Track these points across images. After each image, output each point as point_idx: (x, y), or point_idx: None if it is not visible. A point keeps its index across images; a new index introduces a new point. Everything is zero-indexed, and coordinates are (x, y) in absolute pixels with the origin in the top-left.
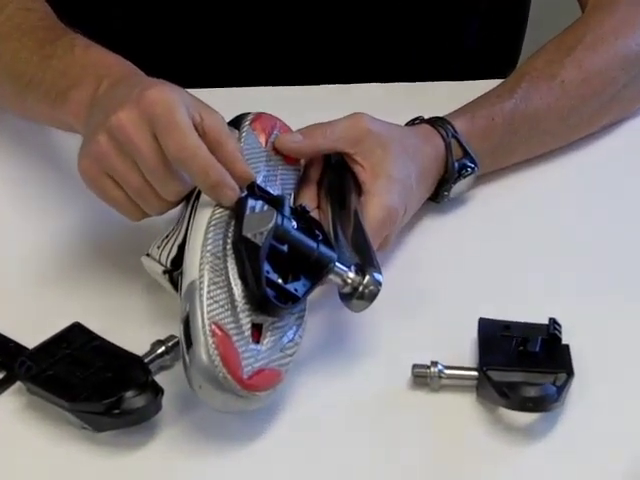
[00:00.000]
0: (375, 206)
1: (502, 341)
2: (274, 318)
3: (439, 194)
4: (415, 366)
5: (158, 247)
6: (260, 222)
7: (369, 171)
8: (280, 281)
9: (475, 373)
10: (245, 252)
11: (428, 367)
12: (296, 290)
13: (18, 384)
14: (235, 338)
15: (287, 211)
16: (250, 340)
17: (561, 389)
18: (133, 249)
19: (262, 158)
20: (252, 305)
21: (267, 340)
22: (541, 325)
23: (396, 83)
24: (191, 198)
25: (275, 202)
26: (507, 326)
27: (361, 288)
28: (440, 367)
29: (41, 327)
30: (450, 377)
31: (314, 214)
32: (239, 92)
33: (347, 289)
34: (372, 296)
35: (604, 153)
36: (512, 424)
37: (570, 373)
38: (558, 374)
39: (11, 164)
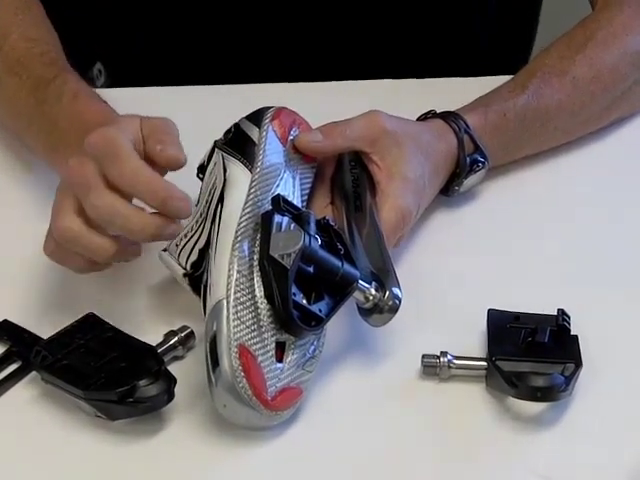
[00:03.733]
0: (390, 208)
1: (511, 332)
2: (295, 338)
3: (450, 188)
4: (425, 356)
5: (177, 245)
6: (287, 242)
7: (385, 171)
8: (305, 302)
9: (484, 363)
10: (272, 273)
11: (438, 357)
12: (320, 311)
13: (33, 373)
14: (260, 359)
15: (313, 229)
16: (274, 359)
17: (569, 379)
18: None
19: (283, 159)
20: (277, 324)
21: (289, 359)
22: (550, 316)
23: (408, 79)
24: (209, 199)
25: (301, 219)
26: (516, 317)
27: (381, 304)
28: (450, 357)
29: (56, 318)
30: (459, 367)
31: (327, 210)
32: (253, 89)
33: (368, 305)
34: (392, 310)
35: (616, 147)
36: (521, 413)
37: (578, 363)
38: (566, 364)
39: (23, 155)
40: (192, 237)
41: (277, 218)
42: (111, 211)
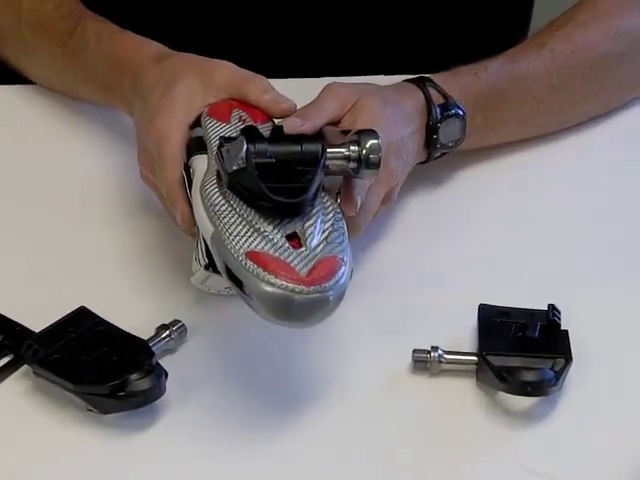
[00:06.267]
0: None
1: (502, 327)
2: (302, 220)
3: (430, 142)
4: (415, 351)
5: (195, 259)
6: (236, 152)
7: (357, 119)
8: (282, 185)
9: (475, 358)
10: (239, 183)
11: (428, 352)
12: (302, 182)
13: (25, 367)
14: (276, 254)
15: (259, 134)
16: (291, 250)
17: (559, 374)
18: (139, 234)
19: (232, 134)
20: (274, 221)
21: (307, 242)
22: (540, 311)
23: (401, 75)
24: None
25: (243, 133)
26: (507, 312)
27: (363, 155)
28: (440, 352)
29: (47, 311)
30: (450, 362)
31: None
32: None
33: (352, 164)
34: (374, 162)
35: (606, 136)
36: (511, 408)
37: (568, 358)
38: (556, 359)
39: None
40: (198, 239)
41: (223, 150)
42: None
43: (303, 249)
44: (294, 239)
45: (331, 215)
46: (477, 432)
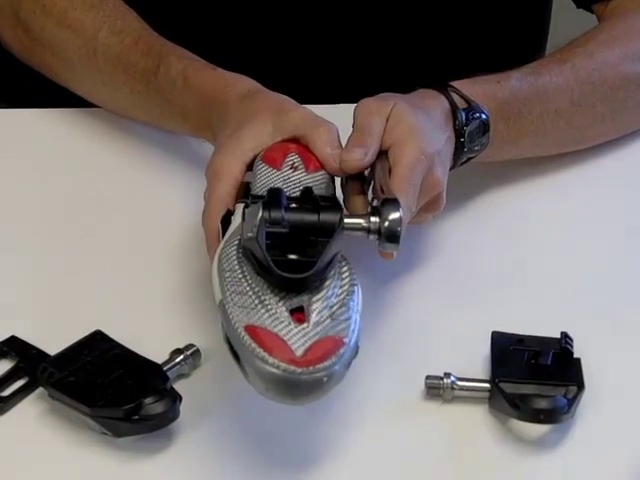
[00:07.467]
0: (404, 151)
1: (514, 354)
2: (309, 295)
3: (457, 147)
4: (428, 377)
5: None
6: (251, 217)
7: (391, 129)
8: (292, 257)
9: (487, 385)
10: (251, 252)
11: (441, 378)
12: (312, 256)
13: (40, 390)
14: (275, 330)
15: (281, 199)
16: (292, 326)
17: (572, 401)
18: (155, 259)
19: (279, 183)
20: (280, 293)
21: (313, 316)
22: (553, 339)
23: None
24: None
25: (267, 196)
26: (520, 339)
27: (383, 228)
28: (453, 378)
29: (63, 335)
30: (463, 388)
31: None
32: None
33: (372, 237)
34: (394, 236)
35: (624, 166)
36: (523, 435)
37: (581, 386)
38: (569, 387)
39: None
40: None
41: (247, 212)
42: None
43: (305, 325)
44: (299, 312)
45: (345, 287)
46: (490, 459)
